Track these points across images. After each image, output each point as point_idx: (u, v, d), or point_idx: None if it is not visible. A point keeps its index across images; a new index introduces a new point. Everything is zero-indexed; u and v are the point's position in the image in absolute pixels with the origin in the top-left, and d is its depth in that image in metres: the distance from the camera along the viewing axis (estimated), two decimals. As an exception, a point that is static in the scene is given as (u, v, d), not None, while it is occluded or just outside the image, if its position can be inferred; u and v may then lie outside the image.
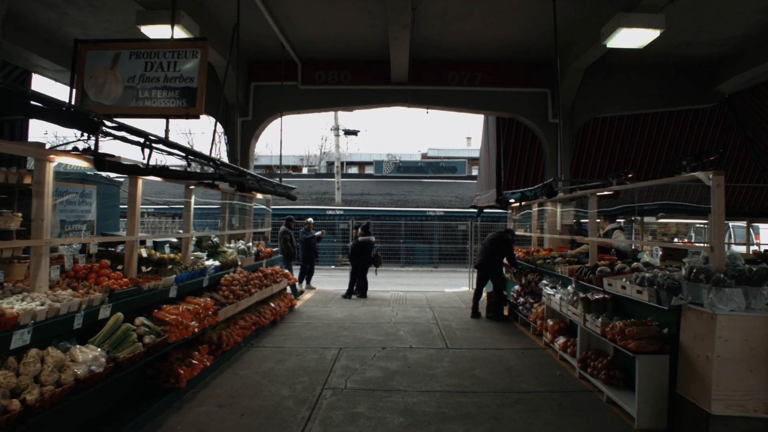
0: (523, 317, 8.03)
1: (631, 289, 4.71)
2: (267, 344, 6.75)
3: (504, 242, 8.62)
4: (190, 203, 6.02)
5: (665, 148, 10.97)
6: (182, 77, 4.29)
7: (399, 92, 9.96)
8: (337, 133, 21.43)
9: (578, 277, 6.17)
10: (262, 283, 7.64)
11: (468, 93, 10.07)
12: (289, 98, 10.01)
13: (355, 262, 10.95)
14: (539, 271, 7.89)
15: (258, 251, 8.38)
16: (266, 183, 7.83)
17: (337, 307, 9.73)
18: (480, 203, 12.26)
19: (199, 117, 4.39)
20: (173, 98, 4.31)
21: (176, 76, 4.28)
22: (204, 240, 7.10)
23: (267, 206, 9.74)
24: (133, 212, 4.79)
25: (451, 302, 10.51)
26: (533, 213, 9.59)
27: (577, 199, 9.26)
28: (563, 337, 6.26)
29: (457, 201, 22.10)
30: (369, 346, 6.67)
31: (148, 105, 4.30)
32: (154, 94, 4.30)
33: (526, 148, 10.70)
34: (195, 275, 5.73)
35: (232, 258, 6.99)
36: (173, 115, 4.36)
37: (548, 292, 6.68)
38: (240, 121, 9.96)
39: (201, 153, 5.30)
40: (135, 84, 4.29)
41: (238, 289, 6.51)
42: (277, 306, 8.13)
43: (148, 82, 4.28)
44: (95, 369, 3.28)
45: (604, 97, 10.09)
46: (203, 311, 5.33)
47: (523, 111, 10.06)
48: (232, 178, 6.36)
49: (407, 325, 8.04)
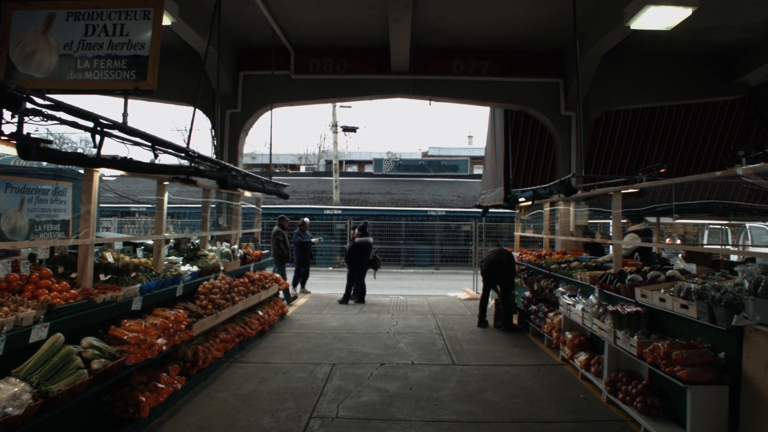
0: (535, 327, 7.32)
1: (674, 303, 4.00)
2: (252, 359, 6.04)
3: (510, 257, 7.97)
4: (162, 201, 5.31)
5: (681, 144, 10.23)
6: (131, 43, 3.54)
7: (399, 82, 9.24)
8: (336, 129, 20.70)
9: (602, 286, 5.46)
10: (248, 290, 6.93)
11: (474, 83, 9.35)
12: (281, 89, 9.29)
13: (351, 264, 10.24)
14: (554, 277, 7.18)
15: (245, 254, 7.66)
16: (253, 179, 7.11)
17: (333, 314, 9.01)
18: (485, 202, 11.54)
19: (152, 92, 3.66)
20: (120, 69, 3.56)
21: (123, 42, 3.53)
22: (183, 242, 6.39)
23: (257, 205, 9.02)
24: (88, 210, 4.07)
25: (455, 308, 9.79)
26: (545, 213, 8.88)
27: (592, 198, 8.56)
28: (585, 352, 5.55)
29: (459, 200, 21.38)
30: (366, 361, 5.96)
31: (88, 78, 3.55)
32: (97, 65, 3.54)
33: (534, 143, 9.97)
34: (166, 283, 5.02)
35: (214, 262, 6.28)
36: (119, 90, 3.62)
37: (566, 302, 5.96)
38: (228, 114, 9.25)
39: (171, 143, 4.58)
40: (73, 52, 3.54)
41: (219, 297, 5.79)
42: (265, 314, 7.42)
43: (88, 49, 3.52)
44: (12, 411, 2.57)
45: (619, 88, 9.37)
46: (174, 325, 4.62)
47: (534, 103, 9.34)
48: (212, 173, 5.65)
49: (408, 335, 7.32)
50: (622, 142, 9.94)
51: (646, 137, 10.15)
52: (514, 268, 8.12)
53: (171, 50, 8.94)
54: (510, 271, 7.95)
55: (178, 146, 4.76)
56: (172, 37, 8.01)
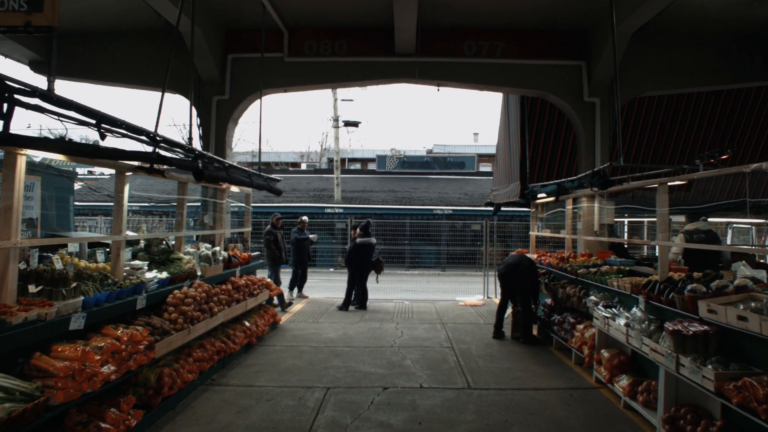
0: (559, 340, 6.41)
1: (763, 324, 3.08)
2: (233, 380, 5.16)
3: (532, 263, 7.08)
4: (122, 195, 4.43)
5: (710, 134, 9.26)
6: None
7: (404, 65, 8.32)
8: (336, 124, 19.80)
9: (648, 296, 4.54)
10: (232, 298, 6.05)
11: (487, 66, 8.42)
12: (274, 73, 8.40)
13: (352, 267, 9.35)
14: (582, 283, 6.26)
15: (231, 257, 6.79)
16: (239, 172, 6.23)
17: (331, 322, 8.12)
18: (498, 199, 10.62)
19: (50, 31, 2.78)
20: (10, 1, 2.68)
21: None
22: (154, 244, 5.51)
23: (246, 203, 8.15)
24: (9, 206, 3.19)
25: (466, 316, 8.88)
26: (567, 211, 7.95)
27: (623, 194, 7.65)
28: (627, 376, 4.63)
29: (466, 198, 20.45)
30: (366, 384, 5.06)
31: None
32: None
33: (552, 134, 9.03)
34: (123, 294, 4.14)
35: (189, 267, 5.40)
36: (4, 26, 2.74)
37: (603, 314, 5.04)
38: (215, 101, 8.37)
39: (125, 122, 3.70)
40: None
41: (193, 309, 4.91)
42: (253, 325, 6.55)
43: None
44: None
45: (647, 72, 8.40)
46: (129, 347, 3.74)
47: (553, 88, 8.40)
48: (183, 162, 4.77)
49: (415, 350, 6.42)
50: (645, 133, 8.99)
51: (671, 127, 9.19)
52: (536, 273, 7.21)
53: (153, 31, 8.09)
54: (531, 276, 7.05)
55: (134, 126, 3.87)
56: (153, 17, 7.15)
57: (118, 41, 8.39)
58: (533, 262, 7.34)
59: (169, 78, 5.80)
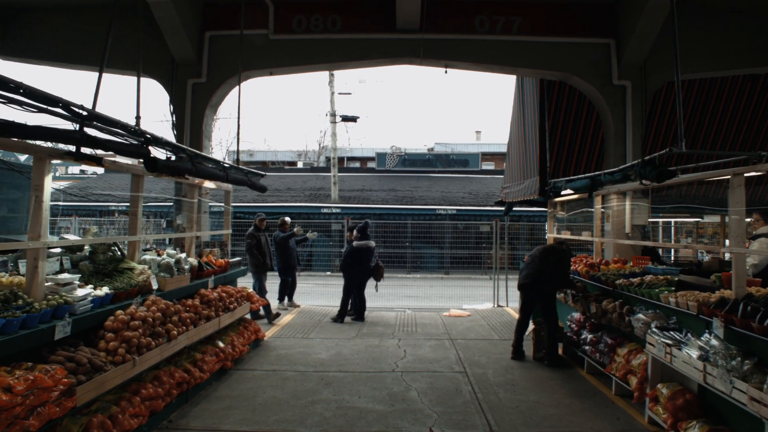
0: (593, 363, 5.37)
1: None
2: (193, 422, 4.11)
3: (561, 255, 5.99)
4: (41, 188, 3.37)
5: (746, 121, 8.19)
6: None
7: (407, 43, 7.26)
8: (334, 119, 18.72)
9: (728, 319, 3.49)
10: (200, 316, 5.00)
11: (501, 44, 7.37)
12: (258, 53, 7.35)
13: (348, 274, 8.30)
14: (622, 297, 5.21)
15: (203, 264, 5.73)
16: (209, 162, 5.17)
17: (323, 338, 7.07)
18: (510, 197, 9.57)
19: None
20: None
21: None
22: (100, 251, 4.45)
23: (226, 202, 7.09)
24: None
25: (477, 328, 7.84)
26: (596, 210, 6.89)
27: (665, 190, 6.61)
28: (699, 423, 3.56)
29: (470, 198, 19.39)
30: (361, 428, 4.01)
31: None
32: None
33: (573, 123, 7.95)
34: (31, 321, 3.09)
35: (143, 279, 4.34)
36: None
37: (662, 340, 3.99)
38: (190, 84, 7.32)
39: (28, 87, 2.66)
40: None
41: (141, 334, 3.85)
42: (228, 346, 5.50)
43: None
44: None
45: (684, 52, 7.33)
46: (30, 398, 2.69)
47: (577, 69, 7.35)
48: (127, 147, 3.71)
49: (421, 376, 5.36)
50: (685, 120, 7.92)
51: (702, 113, 8.13)
52: (568, 263, 6.16)
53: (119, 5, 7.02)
54: (561, 267, 5.99)
55: (46, 95, 2.83)
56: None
57: (67, 17, 7.31)
58: (563, 254, 6.15)
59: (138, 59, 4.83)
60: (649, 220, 7.70)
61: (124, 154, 3.75)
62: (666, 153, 3.93)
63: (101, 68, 3.87)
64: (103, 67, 3.87)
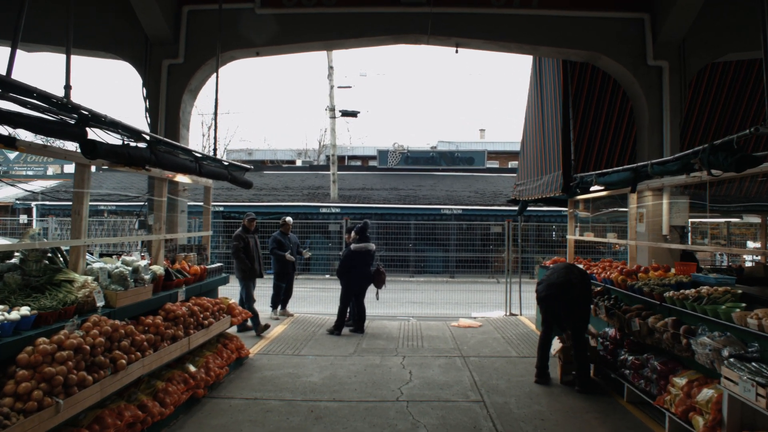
0: (636, 391, 4.47)
1: None
2: (144, 478, 3.22)
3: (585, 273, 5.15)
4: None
5: None
6: None
7: (413, 18, 6.37)
8: (333, 114, 17.82)
9: None
10: (163, 336, 4.11)
11: (519, 19, 6.47)
12: (243, 30, 6.46)
13: (345, 280, 7.41)
14: (673, 312, 4.30)
15: (172, 273, 4.84)
16: (171, 148, 4.28)
17: (317, 354, 6.19)
18: (525, 195, 8.66)
19: None
20: None
21: None
22: (32, 258, 3.56)
23: (205, 201, 6.21)
24: None
25: (491, 342, 6.94)
26: (631, 210, 5.99)
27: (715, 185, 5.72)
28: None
29: (477, 197, 18.47)
30: (357, 488, 3.12)
31: None
32: None
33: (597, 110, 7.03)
34: None
35: (83, 295, 3.46)
36: None
37: (747, 377, 3.08)
38: (166, 65, 6.44)
39: None
40: None
41: (66, 370, 2.96)
42: (201, 369, 4.62)
43: None
44: None
45: (730, 28, 6.44)
46: None
47: (606, 48, 6.45)
48: (50, 126, 2.83)
49: (431, 408, 4.46)
50: (728, 108, 7.01)
51: (750, 97, 7.22)
52: (590, 294, 5.29)
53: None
54: (585, 299, 5.13)
55: None
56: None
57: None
58: (586, 273, 5.40)
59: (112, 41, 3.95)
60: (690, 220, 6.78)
61: (45, 134, 2.88)
62: (751, 133, 3.02)
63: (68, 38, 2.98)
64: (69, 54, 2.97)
